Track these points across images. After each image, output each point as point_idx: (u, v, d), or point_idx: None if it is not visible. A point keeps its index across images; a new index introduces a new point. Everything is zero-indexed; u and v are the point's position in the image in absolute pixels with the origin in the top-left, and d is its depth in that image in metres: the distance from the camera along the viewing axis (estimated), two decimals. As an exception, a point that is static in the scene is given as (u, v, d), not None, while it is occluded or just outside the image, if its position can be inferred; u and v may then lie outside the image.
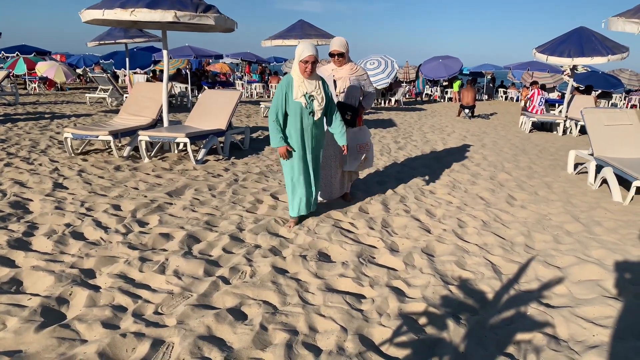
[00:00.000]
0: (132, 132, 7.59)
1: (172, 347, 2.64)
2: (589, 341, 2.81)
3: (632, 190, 5.66)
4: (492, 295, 3.38)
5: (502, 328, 2.95)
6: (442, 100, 25.23)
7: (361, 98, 5.08)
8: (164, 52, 7.61)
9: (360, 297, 3.30)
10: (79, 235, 4.15)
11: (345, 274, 3.59)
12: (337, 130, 4.48)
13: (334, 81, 4.88)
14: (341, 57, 4.82)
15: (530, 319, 3.05)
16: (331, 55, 4.84)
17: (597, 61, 10.98)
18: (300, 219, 4.73)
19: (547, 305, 3.23)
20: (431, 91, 26.43)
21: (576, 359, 2.63)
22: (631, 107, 23.34)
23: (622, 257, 4.07)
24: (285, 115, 4.27)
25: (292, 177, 4.42)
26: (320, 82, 4.25)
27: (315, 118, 4.26)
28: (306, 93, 4.14)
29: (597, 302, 3.23)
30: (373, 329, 2.89)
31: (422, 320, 3.01)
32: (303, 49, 4.03)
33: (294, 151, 4.31)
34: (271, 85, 22.66)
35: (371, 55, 17.81)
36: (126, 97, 14.61)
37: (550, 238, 4.51)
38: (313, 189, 4.58)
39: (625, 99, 24.07)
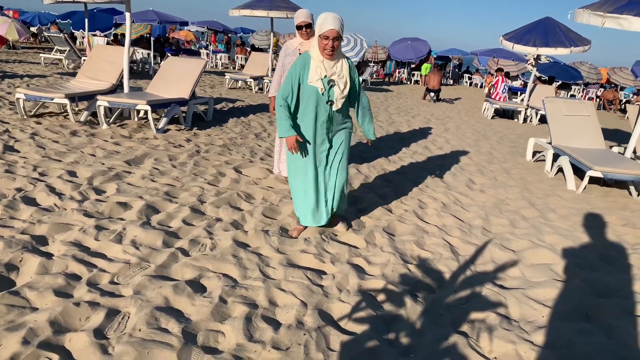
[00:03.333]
0: (90, 97, 7.29)
1: (128, 318, 2.59)
2: (538, 322, 2.92)
3: (586, 179, 5.87)
4: (449, 275, 3.45)
5: (457, 307, 3.02)
6: (408, 82, 25.38)
7: None
8: (127, 14, 7.29)
9: (321, 273, 3.31)
10: (30, 201, 3.98)
11: (307, 250, 3.59)
12: (366, 123, 3.81)
13: (300, 54, 4.79)
14: (309, 29, 4.73)
15: (485, 299, 3.14)
16: (299, 27, 4.74)
17: (560, 52, 11.23)
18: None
19: (501, 287, 3.33)
20: (398, 72, 26.53)
21: (526, 338, 2.72)
22: (588, 99, 24.14)
23: (573, 243, 4.23)
24: (298, 102, 3.55)
25: (295, 176, 3.68)
26: (345, 64, 3.44)
27: (335, 108, 3.46)
28: (325, 76, 3.36)
29: (548, 285, 3.35)
30: (332, 304, 2.91)
31: (381, 297, 3.05)
32: (323, 20, 3.21)
33: (308, 144, 3.58)
34: (237, 57, 22.22)
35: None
36: (84, 59, 14.02)
37: (506, 222, 4.64)
38: (324, 198, 3.71)
39: (583, 91, 24.87)
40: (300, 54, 4.80)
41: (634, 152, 6.80)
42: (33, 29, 25.57)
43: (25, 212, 3.74)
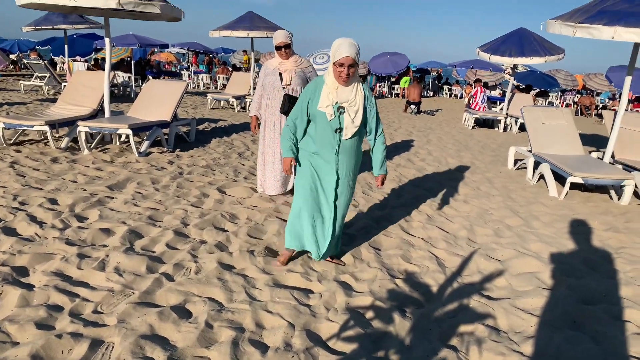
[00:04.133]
0: (70, 123, 7.23)
1: (112, 348, 2.53)
2: (527, 331, 2.92)
3: (567, 185, 5.95)
4: (437, 288, 3.45)
5: (445, 320, 3.02)
6: (389, 95, 25.61)
7: None
8: (107, 40, 7.28)
9: (308, 292, 3.29)
10: (10, 231, 3.91)
11: (293, 269, 3.57)
12: (378, 155, 3.48)
13: (280, 74, 4.82)
14: (288, 49, 4.78)
15: (473, 311, 3.14)
16: (277, 48, 4.78)
17: (536, 61, 11.46)
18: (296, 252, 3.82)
19: (489, 298, 3.33)
20: (379, 87, 26.78)
21: (515, 349, 2.72)
22: (566, 105, 24.59)
23: (557, 250, 4.27)
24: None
25: (299, 194, 3.47)
26: (360, 91, 3.23)
27: (344, 137, 3.26)
28: (336, 103, 3.17)
29: (535, 293, 3.37)
30: (320, 324, 2.88)
31: (369, 314, 3.04)
32: (338, 46, 3.03)
33: (314, 170, 3.39)
34: (218, 77, 22.26)
35: (320, 49, 17.81)
36: (65, 85, 13.93)
37: (491, 232, 4.67)
38: (323, 232, 3.52)
39: (560, 98, 25.32)
40: (280, 73, 4.83)
41: (612, 156, 6.92)
42: (12, 57, 25.36)
43: (5, 243, 3.67)
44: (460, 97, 27.15)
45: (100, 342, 2.57)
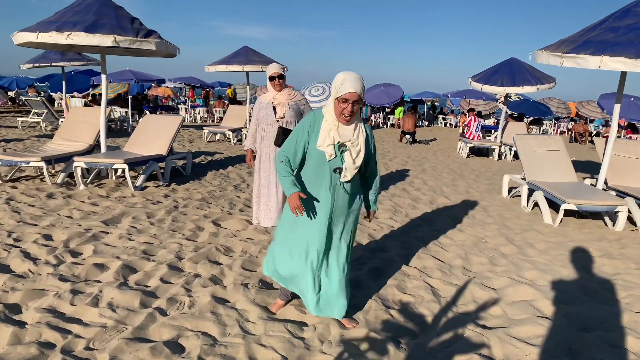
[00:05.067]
0: (67, 158, 7.28)
1: (104, 385, 2.51)
2: (522, 360, 2.90)
3: (561, 212, 5.98)
4: (431, 318, 3.44)
5: (440, 351, 3.00)
6: (384, 126, 25.86)
7: None
8: (103, 76, 7.41)
9: (302, 324, 3.27)
10: (4, 268, 3.90)
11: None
12: (372, 192, 3.25)
13: (274, 107, 4.90)
14: (281, 79, 4.87)
15: (468, 340, 3.13)
16: (271, 79, 4.88)
17: (527, 90, 11.67)
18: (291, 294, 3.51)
19: (484, 327, 3.32)
20: (374, 117, 27.08)
21: (510, 379, 2.70)
22: (560, 133, 24.86)
23: (552, 277, 4.26)
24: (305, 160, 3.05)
25: (287, 241, 3.14)
26: (362, 130, 2.94)
27: (343, 179, 2.93)
28: (338, 142, 2.87)
29: (530, 322, 3.36)
30: (314, 357, 2.86)
31: (364, 346, 3.01)
32: (342, 80, 2.75)
33: (310, 211, 3.03)
34: (215, 110, 22.49)
35: (315, 82, 18.08)
36: (62, 121, 14.05)
37: (486, 260, 4.67)
38: (317, 283, 3.13)
39: (554, 126, 25.61)
40: (274, 106, 4.91)
41: (605, 182, 6.97)
42: (11, 93, 25.63)
43: (-2, 280, 3.66)
44: (455, 126, 27.43)
45: (92, 379, 2.55)
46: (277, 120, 4.88)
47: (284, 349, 2.90)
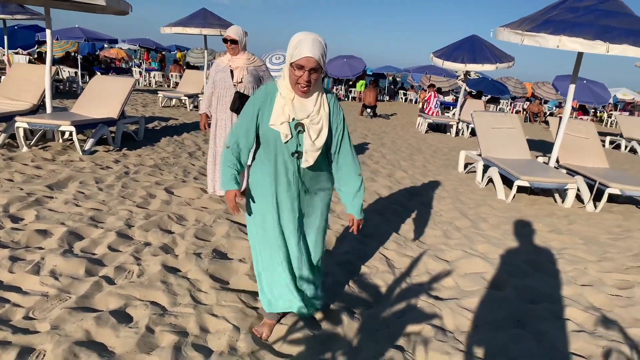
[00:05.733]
0: (8, 118, 6.83)
1: (44, 355, 2.38)
2: (472, 331, 2.95)
3: (514, 189, 6.11)
4: (385, 289, 3.45)
5: (393, 321, 3.01)
6: (346, 99, 25.77)
7: None
8: (48, 31, 6.94)
9: (256, 294, 3.20)
10: None
11: (241, 271, 3.47)
12: (351, 193, 2.64)
13: (231, 71, 4.71)
14: (234, 44, 4.66)
15: (420, 311, 3.15)
16: (224, 41, 4.69)
17: (487, 68, 11.78)
18: (281, 314, 2.89)
19: (436, 298, 3.35)
20: (335, 89, 26.93)
21: (460, 349, 2.74)
22: (516, 112, 25.48)
23: (503, 250, 4.36)
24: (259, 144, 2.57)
25: (256, 249, 2.66)
26: (324, 104, 2.45)
27: (303, 164, 2.45)
28: (293, 119, 2.39)
29: (481, 293, 3.42)
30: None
31: (318, 316, 2.99)
32: (297, 43, 2.25)
33: (264, 206, 2.57)
34: (171, 75, 21.77)
35: (277, 50, 17.73)
36: (3, 78, 13.24)
37: (440, 233, 4.72)
38: (296, 277, 2.67)
39: (511, 105, 26.22)
40: (231, 70, 4.71)
41: (557, 161, 7.17)
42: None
43: None
44: (415, 102, 27.64)
45: (31, 349, 2.41)
46: (234, 85, 4.69)
47: (236, 319, 2.84)
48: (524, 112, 23.77)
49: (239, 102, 4.58)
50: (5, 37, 12.94)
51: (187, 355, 2.47)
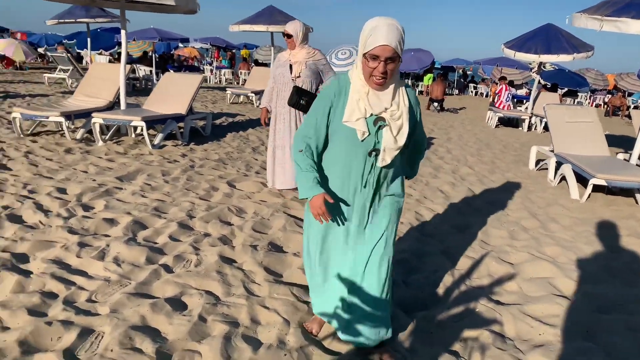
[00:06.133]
0: (86, 114, 7.26)
1: (102, 337, 2.48)
2: (534, 340, 2.77)
3: (589, 187, 5.71)
4: (443, 290, 3.31)
5: (450, 325, 2.88)
6: (412, 94, 25.34)
7: (321, 87, 4.93)
8: (122, 32, 7.29)
9: (308, 289, 3.18)
10: (16, 218, 3.91)
11: (295, 265, 3.47)
12: (410, 167, 2.56)
13: (290, 65, 4.71)
14: (289, 39, 4.67)
15: (479, 315, 3.00)
16: (284, 35, 4.73)
17: (563, 59, 11.12)
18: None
19: (497, 302, 3.18)
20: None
21: (520, 358, 2.58)
22: (595, 106, 23.94)
23: (574, 254, 4.07)
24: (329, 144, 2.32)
25: (310, 257, 2.47)
26: (404, 96, 2.20)
27: (380, 163, 2.19)
28: (371, 115, 2.14)
29: (546, 300, 3.20)
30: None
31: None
32: (372, 30, 2.01)
33: (337, 210, 2.32)
34: (240, 72, 22.29)
35: (343, 45, 17.69)
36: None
37: (505, 234, 4.49)
38: (356, 296, 2.36)
39: (590, 98, 24.66)
40: (290, 65, 4.72)
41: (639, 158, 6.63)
42: (40, 50, 25.85)
43: (9, 229, 3.67)
44: (486, 96, 26.66)
45: (91, 330, 2.52)
46: (293, 79, 4.70)
47: (287, 312, 2.83)
48: (605, 106, 22.27)
49: (296, 96, 4.57)
50: (89, 40, 13.80)
51: (236, 346, 2.49)
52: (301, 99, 4.56)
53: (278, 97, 4.84)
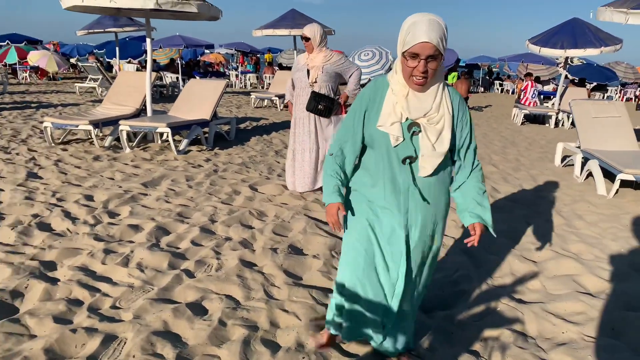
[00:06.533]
0: (114, 122, 7.46)
1: (125, 343, 2.55)
2: (557, 338, 2.73)
3: (616, 183, 5.57)
4: (464, 289, 3.29)
5: (470, 324, 2.86)
6: (437, 92, 25.10)
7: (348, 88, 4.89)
8: (148, 40, 7.47)
9: (327, 291, 3.20)
10: (45, 226, 4.05)
11: (314, 267, 3.49)
12: (470, 193, 2.16)
13: (307, 70, 4.74)
14: (307, 42, 4.68)
15: (500, 314, 2.97)
16: (302, 39, 4.75)
17: (590, 53, 10.87)
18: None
19: (519, 301, 3.14)
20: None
21: (542, 357, 2.54)
22: (626, 100, 23.27)
23: (600, 251, 3.98)
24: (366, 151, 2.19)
25: (344, 270, 2.25)
26: (446, 98, 2.02)
27: (420, 172, 2.04)
28: (406, 119, 1.99)
29: (570, 298, 3.14)
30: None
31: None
32: (410, 26, 1.86)
33: (372, 223, 2.15)
34: (265, 76, 22.48)
35: (366, 46, 17.65)
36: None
37: (529, 232, 4.42)
38: (386, 312, 2.23)
39: (620, 92, 23.97)
40: (308, 70, 4.74)
41: (671, 152, 6.43)
42: (72, 60, 26.59)
43: (38, 237, 3.80)
44: (512, 93, 26.21)
45: (114, 337, 2.59)
46: (310, 85, 4.72)
47: (306, 315, 2.85)
48: (636, 100, 21.60)
49: (314, 102, 4.59)
50: (117, 48, 14.14)
51: (256, 350, 2.53)
52: (319, 104, 4.58)
53: (296, 102, 4.88)
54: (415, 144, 2.01)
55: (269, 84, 22.08)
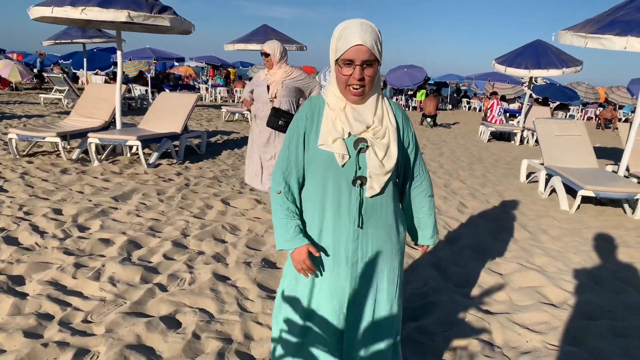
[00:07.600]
0: (82, 134, 7.34)
1: (97, 357, 2.53)
2: (522, 347, 2.83)
3: (578, 199, 5.81)
4: (432, 301, 3.37)
5: (439, 334, 2.94)
6: (406, 109, 25.54)
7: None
8: (118, 52, 7.43)
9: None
10: (12, 240, 3.96)
11: (287, 281, 3.53)
12: (422, 214, 2.06)
13: (267, 86, 4.72)
14: (267, 57, 4.70)
15: (468, 325, 3.06)
16: (261, 54, 4.77)
17: (553, 73, 11.32)
18: None
19: (486, 312, 3.24)
20: (396, 99, 26.74)
21: (508, 366, 2.64)
22: (587, 119, 24.21)
23: (563, 264, 4.15)
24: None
25: (283, 315, 2.01)
26: (389, 110, 1.85)
27: (367, 192, 1.80)
28: (349, 135, 1.79)
29: (534, 308, 3.27)
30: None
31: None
32: (342, 31, 1.70)
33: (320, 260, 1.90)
34: (235, 90, 22.47)
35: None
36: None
37: (496, 246, 4.56)
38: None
39: (582, 111, 24.94)
40: (267, 86, 4.71)
41: (627, 169, 6.74)
42: (36, 70, 26.00)
43: (5, 252, 3.71)
44: (479, 110, 26.92)
45: (86, 351, 2.57)
46: (270, 100, 4.70)
47: (280, 328, 2.88)
48: (597, 119, 22.50)
49: (274, 118, 4.56)
50: (85, 60, 13.95)
51: (230, 362, 2.54)
52: (279, 120, 4.57)
53: (257, 117, 4.82)
54: (361, 163, 1.79)
55: (240, 97, 22.10)
